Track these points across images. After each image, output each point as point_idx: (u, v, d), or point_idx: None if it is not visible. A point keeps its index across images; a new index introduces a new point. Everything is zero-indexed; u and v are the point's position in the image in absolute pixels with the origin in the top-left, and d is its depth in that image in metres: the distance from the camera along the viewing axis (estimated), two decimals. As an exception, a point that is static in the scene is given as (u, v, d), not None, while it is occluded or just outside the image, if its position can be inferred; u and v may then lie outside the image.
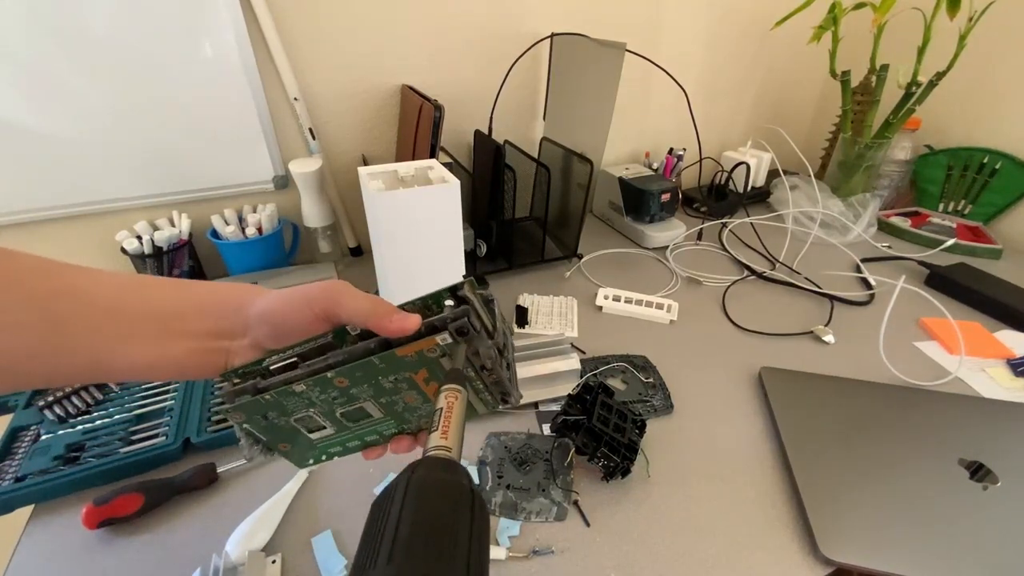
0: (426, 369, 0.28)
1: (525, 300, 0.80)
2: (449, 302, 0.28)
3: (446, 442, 0.21)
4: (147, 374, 0.28)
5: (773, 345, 0.73)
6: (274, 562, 0.44)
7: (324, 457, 0.34)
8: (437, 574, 0.17)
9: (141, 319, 0.28)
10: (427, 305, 0.28)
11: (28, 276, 0.25)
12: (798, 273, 0.90)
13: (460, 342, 0.27)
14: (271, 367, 0.29)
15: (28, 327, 0.25)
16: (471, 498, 0.19)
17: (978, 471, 0.52)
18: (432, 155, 0.70)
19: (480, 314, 0.27)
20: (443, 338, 0.27)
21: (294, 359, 0.29)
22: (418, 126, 0.75)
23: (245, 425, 0.30)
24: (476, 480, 0.51)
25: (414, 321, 0.27)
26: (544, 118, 1.00)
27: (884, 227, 1.04)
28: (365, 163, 0.85)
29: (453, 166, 0.81)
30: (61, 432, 0.54)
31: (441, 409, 0.23)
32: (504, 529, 0.47)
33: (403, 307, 0.28)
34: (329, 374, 0.28)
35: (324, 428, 0.32)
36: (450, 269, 0.61)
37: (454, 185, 0.55)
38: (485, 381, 0.30)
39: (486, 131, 0.85)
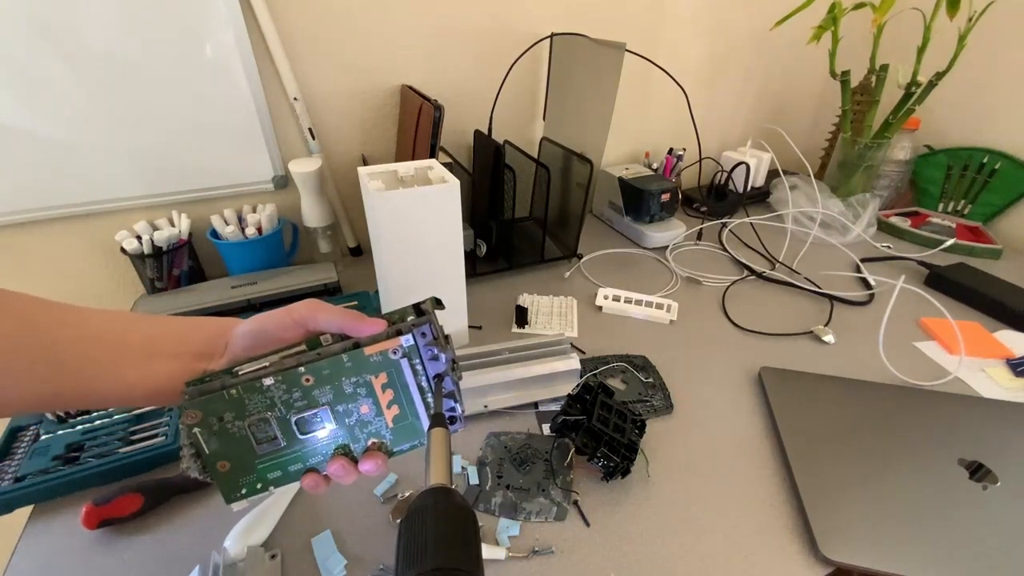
0: (386, 374, 0.32)
1: (525, 300, 0.80)
2: (412, 316, 0.33)
3: (440, 476, 0.27)
4: (128, 395, 0.30)
5: (773, 345, 0.73)
6: (273, 557, 0.44)
7: (259, 486, 0.32)
8: (467, 561, 0.23)
9: (128, 343, 0.30)
10: (392, 319, 0.33)
11: (29, 307, 0.28)
12: (798, 273, 0.90)
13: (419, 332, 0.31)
14: (240, 372, 0.31)
15: (23, 350, 0.27)
16: (470, 512, 0.26)
17: (978, 471, 0.52)
18: (432, 155, 0.70)
19: (437, 323, 0.32)
20: (407, 339, 0.31)
21: (266, 364, 0.31)
22: (418, 126, 0.75)
23: (195, 430, 0.30)
24: (476, 480, 0.52)
25: (382, 323, 0.32)
26: (544, 118, 1.00)
27: (884, 227, 1.04)
28: (365, 163, 0.85)
29: (453, 166, 0.81)
30: (60, 432, 0.54)
31: (429, 449, 0.28)
32: (504, 529, 0.47)
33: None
34: (301, 369, 0.30)
35: (275, 439, 0.32)
36: (450, 269, 0.61)
37: (454, 185, 0.55)
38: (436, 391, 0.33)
39: (486, 131, 0.85)
